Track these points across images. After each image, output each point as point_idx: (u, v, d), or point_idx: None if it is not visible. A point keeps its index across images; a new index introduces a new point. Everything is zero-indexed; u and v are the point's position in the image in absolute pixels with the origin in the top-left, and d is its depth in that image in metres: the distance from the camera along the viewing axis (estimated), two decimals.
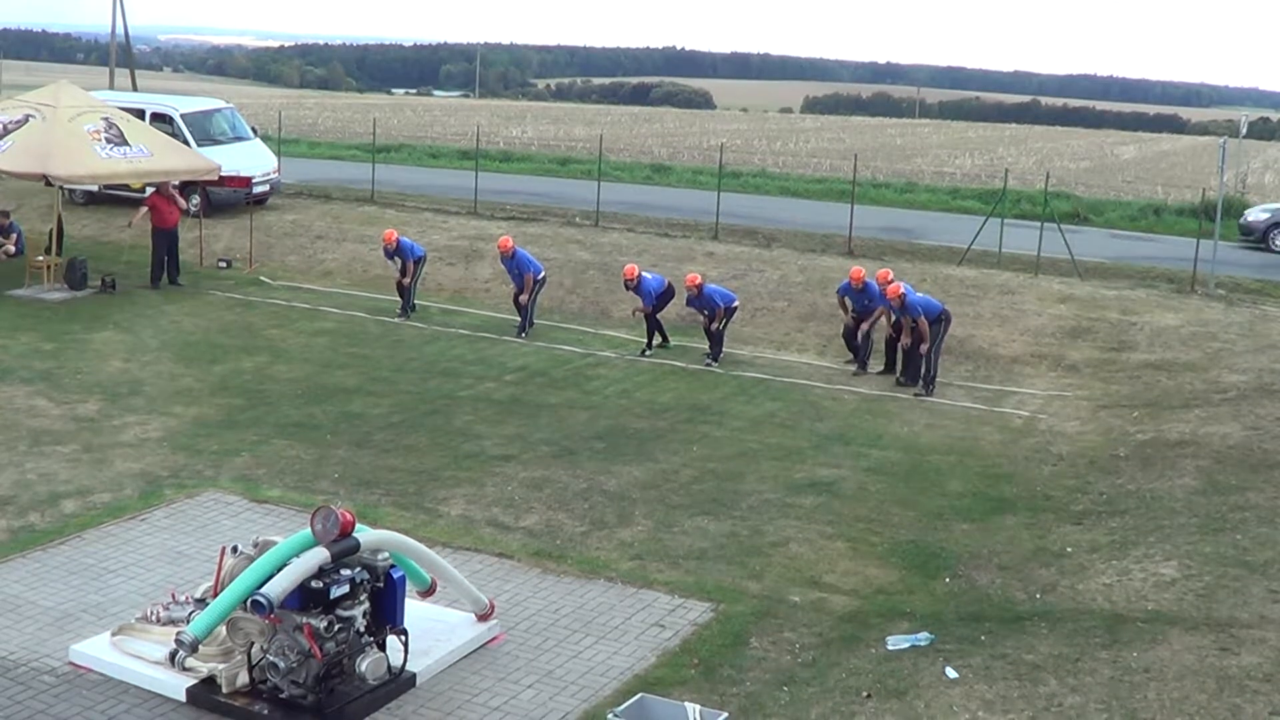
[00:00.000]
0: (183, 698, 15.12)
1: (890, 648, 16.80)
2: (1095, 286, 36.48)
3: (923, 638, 16.96)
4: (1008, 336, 32.70)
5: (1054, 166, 61.85)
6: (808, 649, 16.86)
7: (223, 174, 39.57)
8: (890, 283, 29.93)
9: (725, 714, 14.81)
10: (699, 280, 31.94)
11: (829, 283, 35.71)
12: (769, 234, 42.91)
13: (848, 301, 31.46)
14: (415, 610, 16.31)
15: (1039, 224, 40.15)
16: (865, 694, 15.65)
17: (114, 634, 16.23)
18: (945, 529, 21.02)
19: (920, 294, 30.47)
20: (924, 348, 29.10)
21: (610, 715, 14.66)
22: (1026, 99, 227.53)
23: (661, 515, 21.18)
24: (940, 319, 29.42)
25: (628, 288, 32.60)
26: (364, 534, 15.10)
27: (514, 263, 33.63)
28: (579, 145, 70.42)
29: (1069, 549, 20.12)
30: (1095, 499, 22.37)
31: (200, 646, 14.93)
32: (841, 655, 16.68)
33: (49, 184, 37.84)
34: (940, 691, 15.63)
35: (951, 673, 16.02)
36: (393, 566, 15.45)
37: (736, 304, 32.29)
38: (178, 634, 14.90)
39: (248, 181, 42.35)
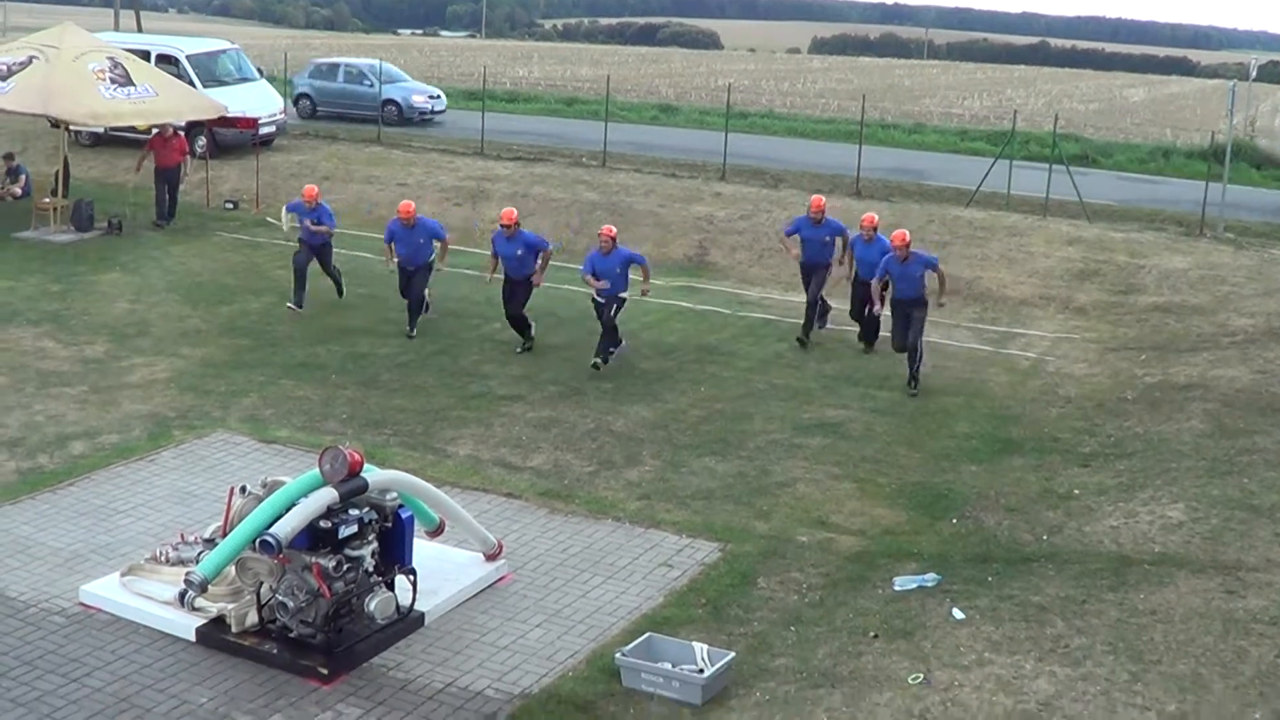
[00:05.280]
0: (192, 637, 15.20)
1: (897, 588, 16.84)
2: (1103, 229, 36.39)
3: (930, 578, 17.00)
4: (1015, 278, 32.66)
5: (1063, 108, 61.69)
6: (815, 589, 16.91)
7: (229, 115, 39.49)
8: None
9: (732, 653, 14.88)
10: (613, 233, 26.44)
11: None
12: (777, 175, 42.84)
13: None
14: (423, 550, 16.38)
15: (1047, 166, 40.04)
16: (872, 634, 15.69)
17: (123, 574, 16.30)
18: (952, 470, 21.04)
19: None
20: (877, 309, 26.13)
21: (618, 654, 14.73)
22: (1035, 40, 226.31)
23: (669, 455, 21.22)
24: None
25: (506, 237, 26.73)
26: (372, 474, 15.14)
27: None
28: (586, 86, 70.22)
29: (1076, 491, 20.14)
30: (1103, 441, 22.37)
31: (209, 586, 15.00)
32: (848, 595, 16.73)
33: (54, 125, 37.78)
34: (947, 632, 15.66)
35: (958, 613, 16.05)
36: (401, 506, 15.50)
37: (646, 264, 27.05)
38: (187, 574, 14.96)
39: (254, 123, 42.22)
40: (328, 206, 29.91)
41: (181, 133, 38.11)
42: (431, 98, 56.56)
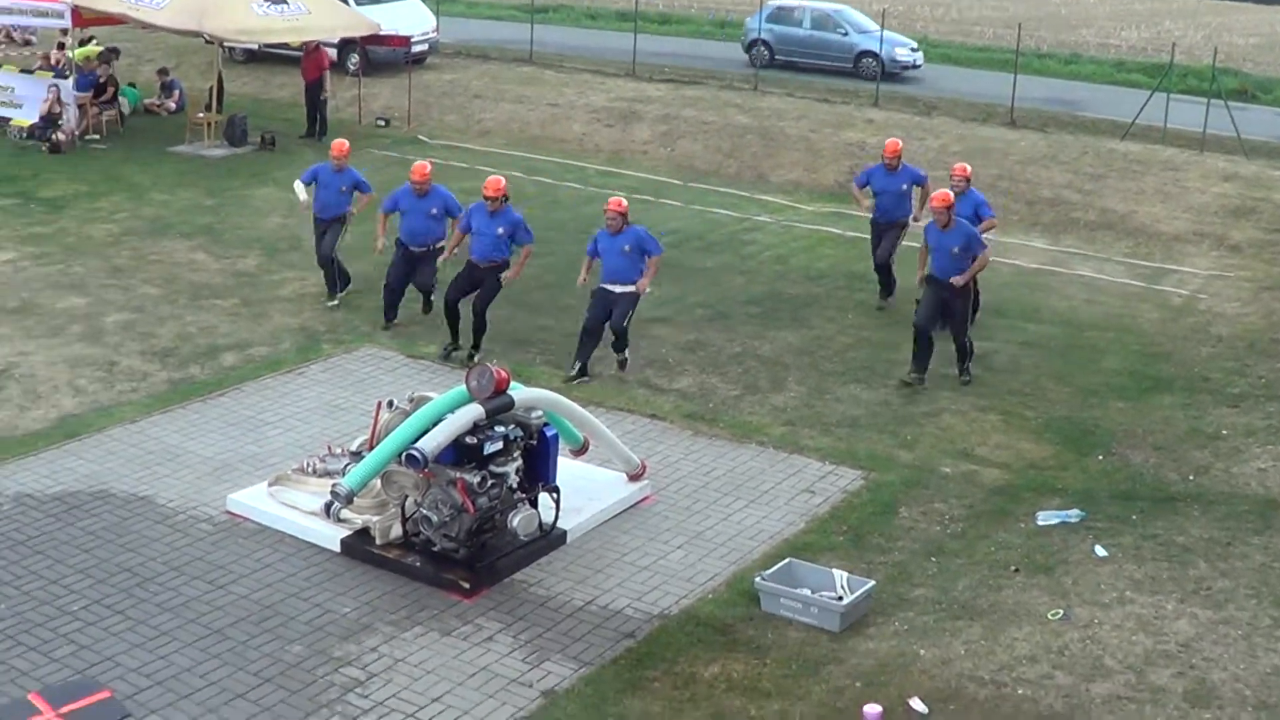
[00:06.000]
0: (337, 548, 15.42)
1: (1040, 523, 16.76)
2: (1261, 166, 35.74)
3: (1073, 515, 16.90)
4: (1170, 214, 32.18)
5: (1222, 42, 60.44)
6: (957, 521, 16.86)
7: (381, 33, 39.68)
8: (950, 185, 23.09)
9: (872, 582, 14.88)
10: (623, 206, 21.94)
11: (989, 153, 35.28)
12: (929, 102, 42.42)
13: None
14: (567, 469, 16.48)
15: (1205, 100, 39.34)
16: (1013, 568, 15.65)
17: (270, 484, 16.54)
18: (1100, 406, 20.84)
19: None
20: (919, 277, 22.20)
21: (758, 578, 14.77)
22: None
23: (815, 382, 21.17)
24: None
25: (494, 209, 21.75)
26: (518, 392, 15.24)
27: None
28: (740, 7, 69.74)
29: (1224, 431, 19.90)
30: (1253, 382, 22.05)
31: (355, 498, 15.17)
32: (991, 528, 16.67)
33: (208, 41, 38.14)
34: (1089, 569, 15.59)
35: (1101, 551, 15.97)
36: (546, 425, 15.59)
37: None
38: (333, 486, 15.17)
39: (406, 41, 42.32)
40: (357, 172, 24.61)
41: (325, 48, 38.32)
42: (912, 50, 50.42)
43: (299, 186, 24.50)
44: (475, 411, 14.72)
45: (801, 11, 50.78)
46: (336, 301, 23.86)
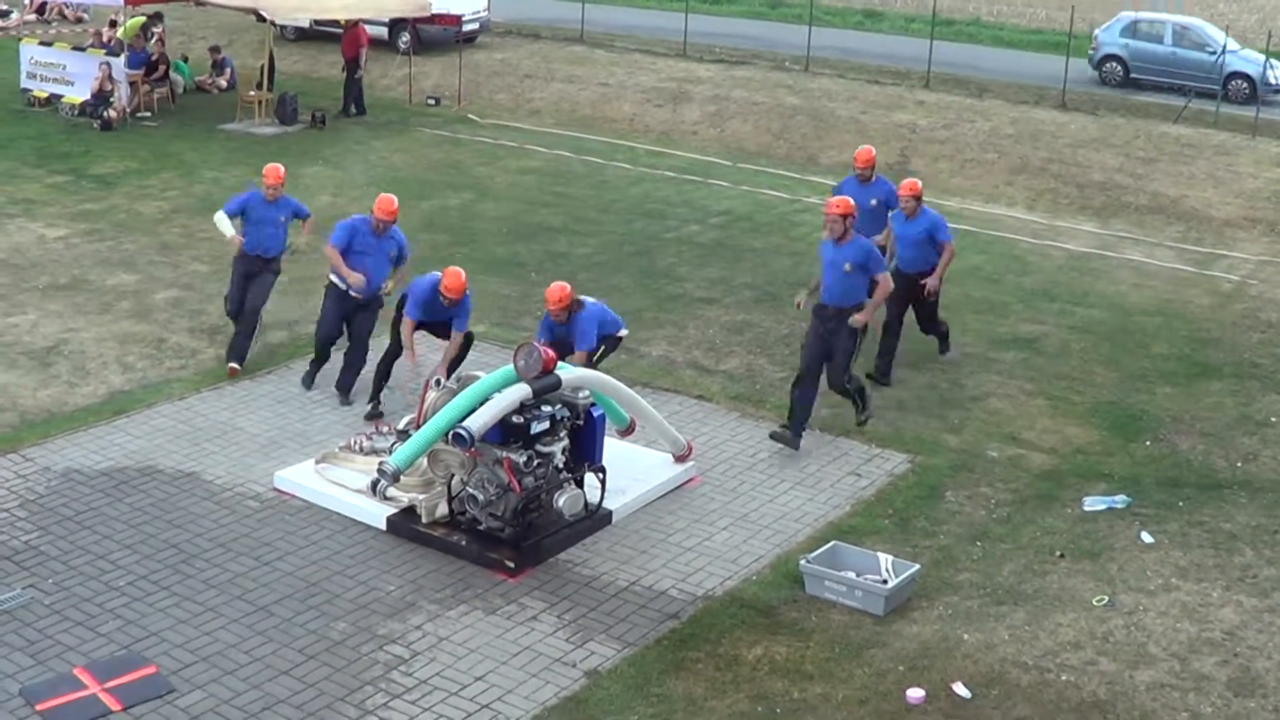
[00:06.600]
0: (382, 526, 15.48)
1: (1086, 509, 16.72)
2: None
3: (1120, 500, 16.85)
4: (1221, 198, 32.00)
5: (1275, 25, 60.03)
6: (1003, 505, 16.83)
7: (433, 12, 39.74)
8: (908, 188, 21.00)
9: (917, 565, 14.87)
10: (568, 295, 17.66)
11: (1041, 135, 35.13)
12: (981, 84, 42.19)
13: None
14: (613, 449, 16.50)
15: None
16: (1058, 553, 15.61)
17: (317, 462, 16.62)
18: (1148, 391, 20.75)
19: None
20: (798, 301, 19.73)
21: (803, 561, 14.78)
22: None
23: (861, 365, 21.08)
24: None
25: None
26: (565, 372, 15.27)
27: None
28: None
29: (1273, 419, 19.81)
30: None
31: (401, 477, 15.24)
32: (1036, 513, 16.64)
33: (260, 19, 38.23)
34: (1134, 555, 15.56)
35: (1147, 537, 15.93)
36: (593, 405, 15.63)
37: (623, 333, 18.65)
38: (380, 464, 15.25)
39: (458, 20, 42.45)
40: (294, 199, 21.27)
41: (367, 25, 38.36)
42: None
43: (221, 219, 20.48)
44: (522, 391, 14.75)
45: (1162, 26, 45.20)
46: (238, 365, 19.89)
